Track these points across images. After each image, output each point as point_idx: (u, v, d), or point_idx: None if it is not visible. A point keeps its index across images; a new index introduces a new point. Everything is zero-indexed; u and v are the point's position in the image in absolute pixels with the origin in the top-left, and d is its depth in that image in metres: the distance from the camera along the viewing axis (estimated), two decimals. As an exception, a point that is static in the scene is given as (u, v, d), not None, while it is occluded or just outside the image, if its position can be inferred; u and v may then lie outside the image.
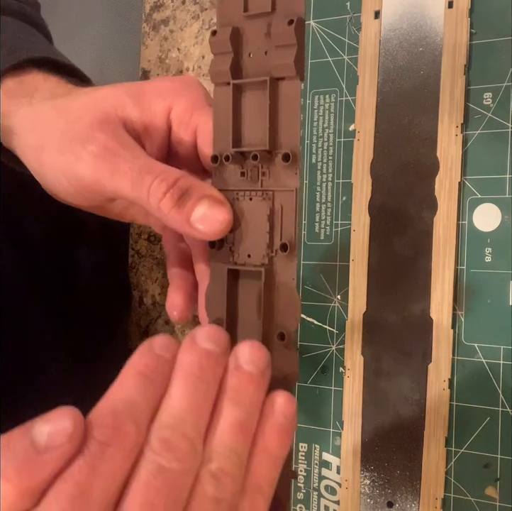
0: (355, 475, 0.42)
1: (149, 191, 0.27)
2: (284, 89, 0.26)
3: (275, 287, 0.27)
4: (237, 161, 0.28)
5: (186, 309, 0.32)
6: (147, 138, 0.31)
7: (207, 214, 0.26)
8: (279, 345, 0.27)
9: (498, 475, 0.38)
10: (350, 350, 0.42)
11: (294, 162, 0.26)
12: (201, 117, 0.30)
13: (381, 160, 0.42)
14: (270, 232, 0.27)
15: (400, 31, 0.41)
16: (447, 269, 0.40)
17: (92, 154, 0.28)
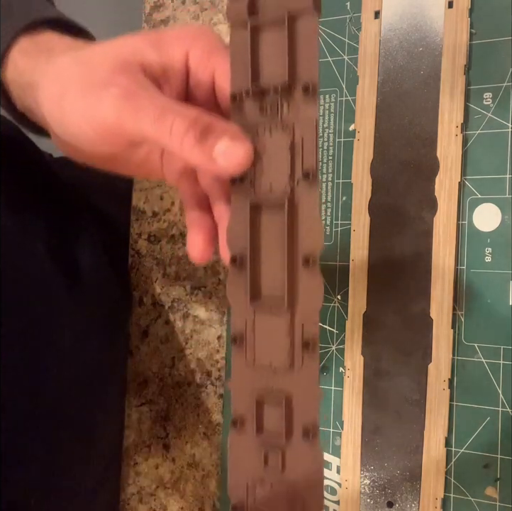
0: (355, 475, 0.42)
1: (172, 129, 0.27)
2: (302, 25, 0.27)
3: (298, 216, 0.28)
4: (256, 97, 0.28)
5: (206, 249, 0.32)
6: (166, 82, 0.31)
7: (228, 149, 0.27)
8: (303, 271, 0.27)
9: (498, 475, 0.38)
10: (350, 350, 0.42)
11: (313, 93, 0.27)
12: (218, 59, 0.31)
13: (381, 160, 0.42)
14: (291, 163, 0.27)
15: (400, 31, 0.41)
16: (447, 269, 0.40)
17: (114, 95, 0.28)
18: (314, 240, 0.27)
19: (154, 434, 0.51)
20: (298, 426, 0.28)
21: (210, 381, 0.49)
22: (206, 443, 0.49)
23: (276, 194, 0.28)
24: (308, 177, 0.27)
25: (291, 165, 0.27)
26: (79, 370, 0.45)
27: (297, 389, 0.28)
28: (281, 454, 0.28)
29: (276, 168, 0.28)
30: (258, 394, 0.29)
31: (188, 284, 0.50)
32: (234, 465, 0.29)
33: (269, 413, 0.28)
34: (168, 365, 0.51)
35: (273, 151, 0.28)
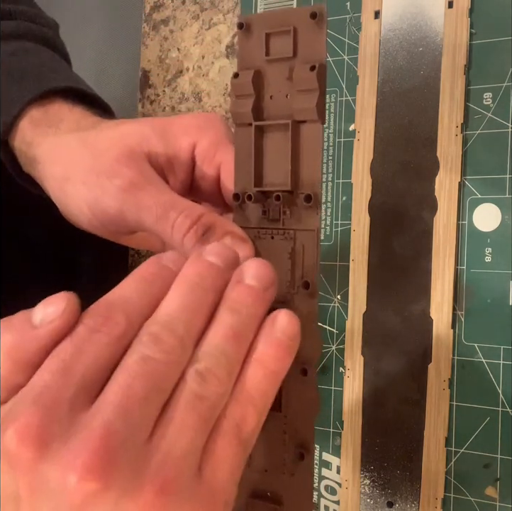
0: (355, 475, 0.42)
1: (174, 227, 0.27)
2: (306, 132, 0.27)
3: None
4: (258, 200, 0.28)
5: None
6: (171, 173, 0.31)
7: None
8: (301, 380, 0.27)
9: (498, 475, 0.38)
10: (350, 350, 0.42)
11: (315, 203, 0.27)
12: (224, 155, 0.31)
13: (381, 160, 0.42)
14: (292, 270, 0.28)
15: (400, 31, 0.41)
16: (447, 269, 0.40)
17: (118, 188, 0.28)
18: (312, 351, 0.27)
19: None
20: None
21: (210, 381, 0.49)
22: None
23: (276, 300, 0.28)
24: (308, 287, 0.27)
25: (291, 272, 0.27)
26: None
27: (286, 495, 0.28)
28: None
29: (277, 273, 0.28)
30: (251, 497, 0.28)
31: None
32: None
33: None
34: (168, 365, 0.51)
35: (274, 256, 0.28)
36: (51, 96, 0.34)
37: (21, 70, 0.35)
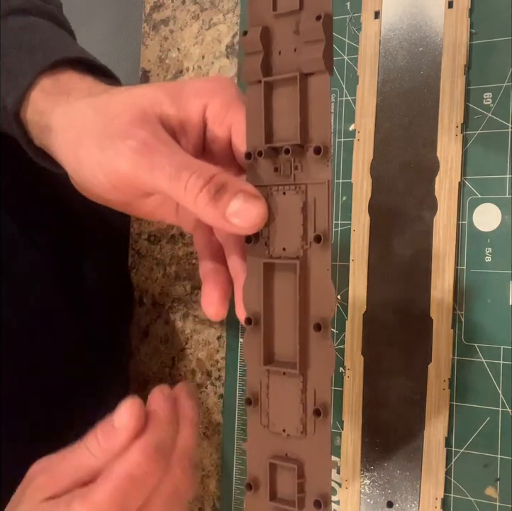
0: (355, 475, 0.42)
1: (187, 187, 0.27)
2: (314, 84, 0.27)
3: (310, 279, 0.28)
4: (269, 156, 0.28)
5: (222, 306, 0.32)
6: (183, 135, 0.31)
7: (242, 208, 0.27)
8: (315, 336, 0.28)
9: (498, 475, 0.38)
10: (350, 350, 0.42)
11: (325, 155, 0.27)
12: (235, 115, 0.31)
13: (381, 160, 0.42)
14: (304, 225, 0.28)
15: (400, 31, 0.41)
16: (447, 269, 0.40)
17: (132, 149, 0.28)
18: (325, 305, 0.27)
19: (154, 434, 0.51)
20: (310, 495, 0.28)
21: (210, 381, 0.49)
22: (206, 443, 0.49)
23: (289, 254, 0.28)
24: (320, 240, 0.27)
25: (304, 227, 0.28)
26: (82, 371, 0.45)
27: (309, 457, 0.28)
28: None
29: (290, 229, 0.28)
30: (272, 459, 0.29)
31: (188, 284, 0.50)
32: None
33: (282, 479, 0.29)
34: (168, 365, 0.51)
35: (286, 211, 0.28)
36: (61, 67, 0.34)
37: (30, 43, 0.35)
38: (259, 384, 0.30)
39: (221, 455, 0.48)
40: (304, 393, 0.28)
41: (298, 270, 0.28)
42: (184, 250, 0.51)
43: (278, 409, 0.29)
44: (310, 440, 0.28)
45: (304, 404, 0.28)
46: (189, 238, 0.50)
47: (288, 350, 0.29)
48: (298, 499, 0.28)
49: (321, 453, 0.28)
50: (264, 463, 0.29)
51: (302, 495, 0.28)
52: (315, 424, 0.28)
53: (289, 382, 0.28)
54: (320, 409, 0.27)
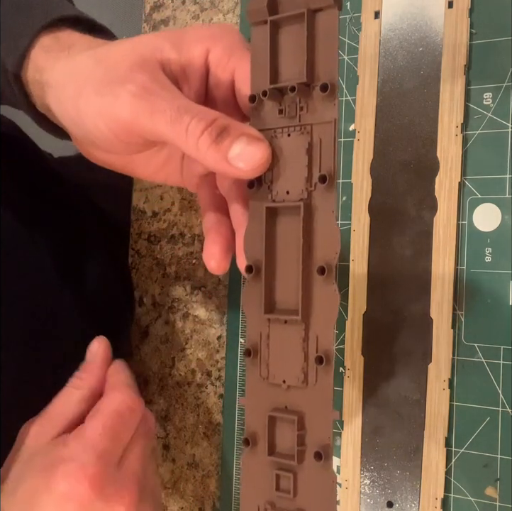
0: (355, 475, 0.42)
1: (188, 130, 0.27)
2: (322, 20, 0.26)
3: (314, 222, 0.27)
4: (274, 98, 0.28)
5: (223, 259, 0.32)
6: (185, 82, 0.31)
7: (245, 151, 0.27)
8: (319, 280, 0.27)
9: (498, 475, 0.38)
10: (350, 350, 0.42)
11: (332, 93, 0.26)
12: (239, 60, 0.30)
13: (381, 160, 0.42)
14: (309, 166, 0.27)
15: (400, 31, 0.41)
16: (447, 269, 0.40)
17: (131, 93, 0.28)
18: (330, 248, 0.27)
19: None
20: (310, 448, 0.27)
21: (210, 381, 0.49)
22: (205, 443, 0.49)
23: (293, 198, 0.27)
24: (325, 181, 0.26)
25: (309, 168, 0.27)
26: None
27: (310, 408, 0.27)
28: (293, 478, 0.27)
29: (294, 171, 0.27)
30: (271, 413, 0.28)
31: (188, 284, 0.50)
32: (246, 487, 0.29)
33: (281, 433, 0.28)
34: (168, 365, 0.51)
35: (291, 153, 0.27)
36: (60, 25, 0.33)
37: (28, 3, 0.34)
38: (259, 335, 0.28)
39: (221, 455, 0.48)
40: (306, 341, 0.27)
41: (303, 211, 0.27)
42: (184, 250, 0.51)
43: (278, 360, 0.28)
44: (311, 390, 0.27)
45: (306, 353, 0.27)
46: (189, 238, 0.50)
47: (291, 298, 0.27)
48: (297, 452, 0.27)
49: (323, 403, 0.27)
50: (263, 417, 0.28)
51: (302, 447, 0.27)
52: (317, 373, 0.27)
53: (291, 331, 0.27)
54: (322, 357, 0.26)
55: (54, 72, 0.31)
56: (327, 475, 0.26)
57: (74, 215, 0.50)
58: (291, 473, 0.27)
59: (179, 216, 0.51)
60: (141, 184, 0.53)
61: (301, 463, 0.27)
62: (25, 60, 0.32)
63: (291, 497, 0.27)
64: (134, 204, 0.53)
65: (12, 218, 0.42)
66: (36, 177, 0.47)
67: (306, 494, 0.27)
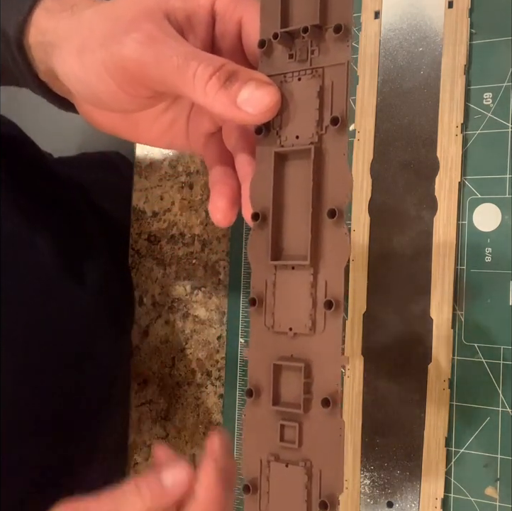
0: (355, 475, 0.42)
1: (196, 75, 0.26)
2: None
3: (325, 165, 0.26)
4: (285, 42, 0.27)
5: (229, 212, 0.31)
6: (191, 31, 0.30)
7: (254, 95, 0.26)
8: (329, 224, 0.26)
9: (498, 475, 0.38)
10: (350, 350, 0.42)
11: (346, 34, 0.26)
12: (245, 8, 0.30)
13: (381, 160, 0.42)
14: (320, 109, 0.26)
15: (400, 31, 0.41)
16: (447, 269, 0.40)
17: (137, 41, 0.27)
18: (341, 190, 0.26)
19: (154, 434, 0.51)
20: (317, 396, 0.26)
21: (210, 381, 0.49)
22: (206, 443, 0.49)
23: (303, 142, 0.27)
24: (337, 123, 0.26)
25: (320, 111, 0.26)
26: (84, 371, 0.45)
27: (317, 354, 0.26)
28: (299, 427, 0.26)
29: (304, 115, 0.27)
30: (276, 362, 0.27)
31: (188, 284, 0.50)
32: (248, 440, 0.28)
33: (287, 382, 0.27)
34: (168, 365, 0.51)
35: (301, 98, 0.27)
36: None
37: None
38: (265, 283, 0.27)
39: (221, 455, 0.48)
40: (314, 287, 0.26)
41: (313, 154, 0.26)
42: (184, 250, 0.51)
43: (284, 308, 0.27)
44: (319, 337, 0.26)
45: (314, 298, 0.26)
46: (189, 238, 0.50)
47: (299, 243, 0.27)
48: (304, 400, 0.26)
49: (331, 349, 0.26)
50: (268, 367, 0.27)
51: (308, 396, 0.26)
52: (325, 319, 0.26)
53: (298, 277, 0.27)
54: (332, 301, 0.26)
55: (57, 31, 0.31)
56: (335, 422, 0.26)
57: (74, 215, 0.50)
58: (296, 422, 0.26)
59: (179, 216, 0.51)
60: (141, 184, 0.53)
61: (307, 411, 0.26)
62: (26, 25, 0.32)
63: (296, 448, 0.26)
64: (134, 204, 0.53)
65: (12, 219, 0.42)
66: (36, 177, 0.47)
67: (312, 443, 0.26)
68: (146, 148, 0.52)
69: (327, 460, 0.26)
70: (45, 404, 0.41)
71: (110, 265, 0.50)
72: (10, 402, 0.38)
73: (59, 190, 0.50)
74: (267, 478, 0.27)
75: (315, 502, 0.26)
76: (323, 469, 0.26)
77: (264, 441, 0.27)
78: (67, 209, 0.49)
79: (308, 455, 0.26)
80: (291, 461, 0.27)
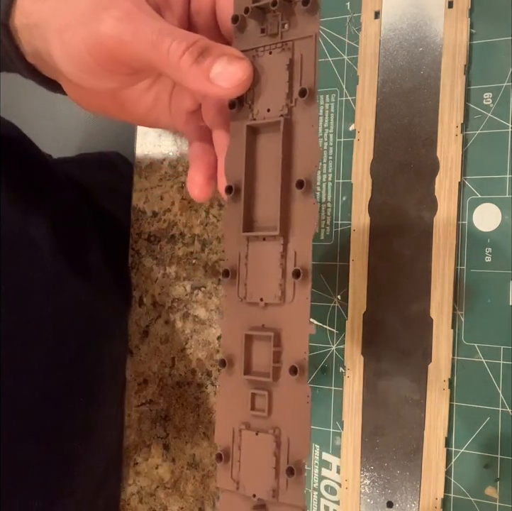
0: (355, 475, 0.42)
1: (170, 51, 0.27)
2: None
3: (294, 137, 0.27)
4: (257, 16, 0.28)
5: (206, 186, 0.32)
6: (167, 8, 0.31)
7: (227, 69, 0.27)
8: (298, 195, 0.27)
9: (498, 475, 0.38)
10: (350, 350, 0.42)
11: (314, 6, 0.26)
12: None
13: (381, 160, 0.42)
14: (290, 81, 0.27)
15: (400, 31, 0.41)
16: (447, 269, 0.40)
17: (115, 17, 0.28)
18: (309, 161, 0.26)
19: (154, 434, 0.51)
20: (286, 364, 0.26)
21: (210, 381, 0.49)
22: (205, 443, 0.49)
23: (273, 115, 0.27)
24: (305, 94, 0.26)
25: (290, 84, 0.27)
26: (80, 371, 0.45)
27: (287, 323, 0.27)
28: (268, 395, 0.27)
29: (275, 88, 0.27)
30: (247, 332, 0.28)
31: (188, 284, 0.50)
32: (221, 410, 0.28)
33: (258, 352, 0.27)
34: (168, 365, 0.51)
35: (272, 71, 0.28)
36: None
37: None
38: (238, 255, 0.28)
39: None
40: (284, 257, 0.27)
41: (282, 126, 0.27)
42: (184, 250, 0.51)
43: (256, 279, 0.27)
44: (288, 306, 0.27)
45: (284, 269, 0.27)
46: (189, 238, 0.50)
47: (270, 215, 0.27)
48: (273, 369, 0.27)
49: (300, 318, 0.26)
50: (241, 337, 0.28)
51: (278, 364, 0.27)
52: (294, 289, 0.26)
53: (269, 248, 0.27)
54: (300, 270, 0.26)
55: (41, 13, 0.31)
56: (302, 390, 0.26)
57: (74, 215, 0.50)
58: (266, 391, 0.27)
59: (179, 216, 0.51)
60: (141, 184, 0.53)
61: (276, 380, 0.27)
62: (12, 8, 0.32)
63: (266, 416, 0.27)
64: (134, 204, 0.53)
65: (12, 219, 0.42)
66: (36, 178, 0.47)
67: (281, 411, 0.27)
68: (146, 148, 0.52)
69: (295, 427, 0.26)
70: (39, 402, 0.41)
71: (110, 265, 0.51)
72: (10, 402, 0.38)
73: (59, 191, 0.50)
74: (239, 447, 0.27)
75: (283, 469, 0.26)
76: (290, 436, 0.26)
77: (236, 410, 0.28)
78: (67, 209, 0.49)
79: (277, 423, 0.27)
80: (261, 429, 0.27)
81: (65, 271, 0.45)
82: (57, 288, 0.44)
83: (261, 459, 0.27)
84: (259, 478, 0.27)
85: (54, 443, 0.42)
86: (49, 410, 0.42)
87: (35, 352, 0.41)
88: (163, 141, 0.52)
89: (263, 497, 0.27)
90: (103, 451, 0.50)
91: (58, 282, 0.44)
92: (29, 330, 0.41)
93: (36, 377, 0.41)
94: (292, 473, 0.26)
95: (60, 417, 0.43)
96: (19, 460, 0.39)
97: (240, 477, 0.27)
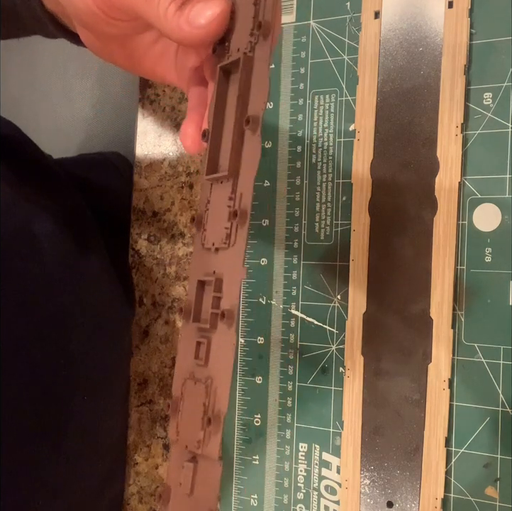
0: (355, 475, 0.42)
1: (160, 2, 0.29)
2: None
3: (252, 75, 0.27)
4: None
5: (197, 137, 0.33)
6: None
7: (204, 8, 0.28)
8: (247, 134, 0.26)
9: (498, 475, 0.38)
10: (350, 350, 0.42)
11: None
12: None
13: (381, 160, 0.42)
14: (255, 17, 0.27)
15: (400, 31, 0.41)
16: (447, 269, 0.40)
17: None
18: (259, 98, 0.26)
19: (154, 434, 0.51)
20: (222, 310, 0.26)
21: (211, 381, 0.49)
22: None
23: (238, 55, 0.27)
24: (260, 27, 0.26)
25: (254, 21, 0.27)
26: (84, 371, 0.45)
27: (227, 268, 0.26)
28: (207, 344, 0.26)
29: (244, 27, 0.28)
30: (199, 278, 0.27)
31: (188, 284, 0.50)
32: (179, 359, 0.28)
33: (207, 298, 0.27)
34: (168, 365, 0.51)
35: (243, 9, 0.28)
36: None
37: None
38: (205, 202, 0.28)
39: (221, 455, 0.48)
40: (233, 199, 0.26)
41: (241, 64, 0.27)
42: (184, 250, 0.51)
43: (212, 223, 0.27)
44: (231, 250, 0.26)
45: (231, 212, 0.26)
46: (189, 238, 0.50)
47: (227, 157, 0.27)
48: (211, 315, 0.26)
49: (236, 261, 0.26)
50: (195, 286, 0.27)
51: (216, 311, 0.26)
52: (236, 231, 0.26)
53: (223, 190, 0.27)
54: (237, 211, 0.26)
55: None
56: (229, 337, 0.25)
57: (74, 215, 0.50)
58: (206, 339, 0.26)
59: (179, 216, 0.51)
60: (141, 184, 0.53)
61: (215, 327, 0.26)
62: None
63: (203, 365, 0.26)
64: (134, 204, 0.53)
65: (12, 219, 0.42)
66: (36, 178, 0.47)
67: (215, 360, 0.26)
68: (146, 148, 0.52)
69: (221, 377, 0.25)
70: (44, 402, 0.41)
71: (110, 265, 0.51)
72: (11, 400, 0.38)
73: (59, 191, 0.50)
74: (182, 397, 0.27)
75: (207, 420, 0.25)
76: (218, 386, 0.25)
77: (188, 359, 0.27)
78: (67, 209, 0.49)
79: (210, 373, 0.26)
80: (198, 379, 0.26)
81: (66, 270, 0.45)
82: (57, 287, 0.44)
83: (195, 410, 0.26)
84: (191, 429, 0.26)
85: (58, 443, 0.42)
86: (53, 410, 0.42)
87: (36, 350, 0.41)
88: (163, 141, 0.52)
89: (192, 449, 0.26)
90: (107, 450, 0.50)
91: (58, 282, 0.44)
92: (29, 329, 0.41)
93: (38, 375, 0.41)
94: (209, 423, 0.25)
95: (65, 417, 0.43)
96: (19, 460, 0.39)
97: (180, 428, 0.26)
